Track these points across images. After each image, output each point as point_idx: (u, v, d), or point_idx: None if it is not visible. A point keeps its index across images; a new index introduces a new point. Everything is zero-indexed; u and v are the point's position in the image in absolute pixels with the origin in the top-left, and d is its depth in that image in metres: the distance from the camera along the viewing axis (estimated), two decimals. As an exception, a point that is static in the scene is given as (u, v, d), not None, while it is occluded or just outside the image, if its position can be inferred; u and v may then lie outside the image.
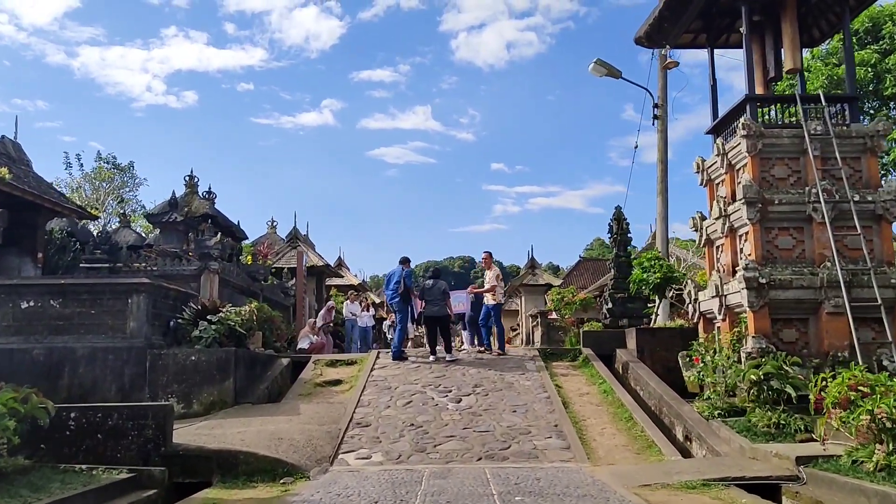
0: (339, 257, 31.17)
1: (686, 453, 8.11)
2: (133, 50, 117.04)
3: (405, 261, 13.77)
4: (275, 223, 26.16)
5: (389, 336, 17.23)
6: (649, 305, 24.70)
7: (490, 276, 13.44)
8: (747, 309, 9.31)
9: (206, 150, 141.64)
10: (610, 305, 24.54)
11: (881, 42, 19.39)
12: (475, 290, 13.77)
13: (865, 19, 19.35)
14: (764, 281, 9.22)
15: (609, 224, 26.00)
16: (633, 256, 25.90)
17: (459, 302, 14.10)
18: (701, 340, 11.12)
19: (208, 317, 10.67)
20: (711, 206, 11.26)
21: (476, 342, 14.20)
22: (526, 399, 9.74)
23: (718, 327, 10.73)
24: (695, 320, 11.30)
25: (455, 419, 8.91)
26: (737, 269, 10.20)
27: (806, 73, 17.13)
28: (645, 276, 12.82)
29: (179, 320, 10.83)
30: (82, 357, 10.20)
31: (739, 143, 10.00)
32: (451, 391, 10.12)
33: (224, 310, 10.90)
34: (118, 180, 29.57)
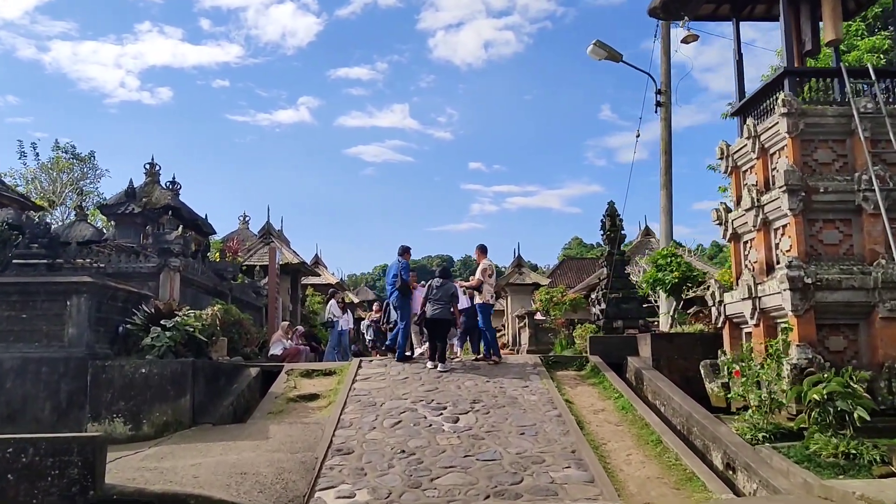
0: (316, 255, 29.61)
1: (731, 486, 6.81)
2: (106, 45, 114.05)
3: (404, 251, 12.36)
4: (247, 218, 24.55)
5: (368, 337, 15.75)
6: (645, 306, 23.64)
7: (478, 272, 12.07)
8: (790, 313, 8.05)
9: (181, 147, 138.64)
10: (603, 306, 23.30)
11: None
12: (463, 285, 12.30)
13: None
14: (810, 281, 7.96)
15: (602, 220, 24.73)
16: (626, 255, 24.78)
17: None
18: (726, 349, 9.87)
19: (163, 322, 9.16)
20: (739, 196, 10.00)
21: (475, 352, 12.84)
22: (534, 418, 8.38)
23: (748, 333, 9.47)
24: (719, 325, 10.03)
25: (453, 444, 7.52)
26: (773, 267, 8.95)
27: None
28: (660, 275, 11.53)
29: (129, 326, 9.30)
30: (10, 370, 8.64)
31: (776, 124, 8.74)
32: (445, 408, 8.73)
33: (182, 313, 9.39)
34: (78, 171, 27.66)
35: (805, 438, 6.74)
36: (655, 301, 24.80)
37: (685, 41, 12.44)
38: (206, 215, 17.82)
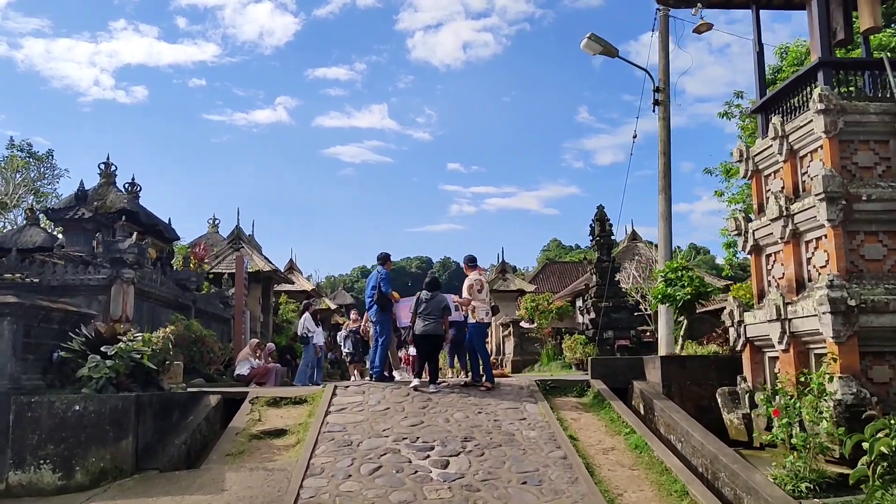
0: (291, 260, 28.21)
1: (777, 553, 5.71)
2: (80, 43, 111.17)
3: (385, 259, 11.23)
4: (217, 221, 23.13)
5: (346, 350, 14.49)
6: (636, 315, 22.61)
7: (464, 289, 10.83)
8: (829, 339, 6.99)
9: (156, 147, 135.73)
10: (592, 315, 22.26)
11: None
12: (456, 301, 11.10)
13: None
14: (853, 303, 6.91)
15: (590, 225, 23.74)
16: (616, 262, 23.75)
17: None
18: (746, 375, 8.81)
19: (104, 348, 7.85)
20: (761, 203, 8.96)
21: (463, 369, 11.69)
22: (536, 461, 7.22)
23: (772, 358, 8.42)
24: (737, 348, 8.96)
25: (444, 498, 6.33)
26: (804, 284, 7.90)
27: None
28: (670, 291, 10.42)
29: (63, 353, 7.97)
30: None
31: (810, 122, 7.69)
32: (433, 448, 7.54)
33: (127, 337, 8.08)
34: (35, 171, 25.93)
35: (866, 496, 5.65)
36: (646, 310, 23.85)
37: (698, 30, 11.40)
38: (169, 219, 16.46)
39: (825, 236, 7.49)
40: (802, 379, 7.36)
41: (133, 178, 15.05)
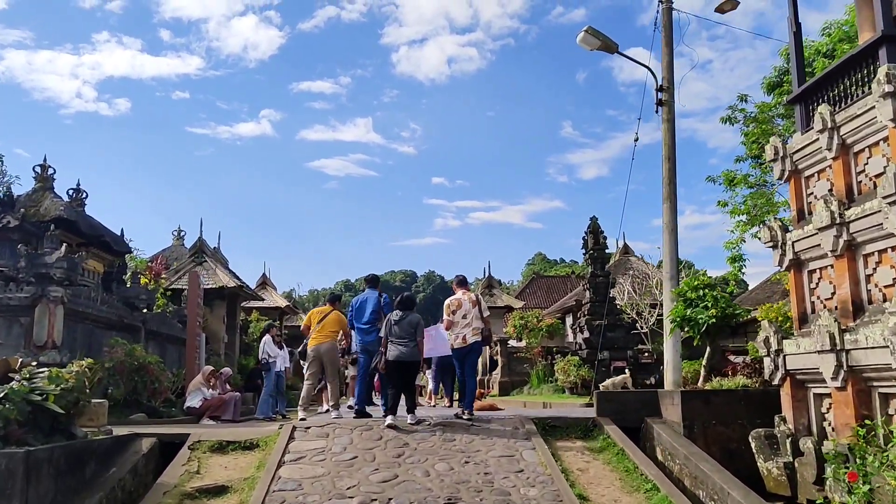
0: (264, 274, 26.45)
1: None
2: (62, 55, 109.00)
3: (374, 281, 9.94)
4: (182, 233, 21.42)
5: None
6: (632, 333, 21.17)
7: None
8: (907, 378, 5.56)
9: (138, 160, 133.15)
10: (587, 335, 20.77)
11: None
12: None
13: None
14: (939, 332, 5.49)
15: (583, 237, 22.29)
16: (610, 277, 22.34)
17: (443, 342, 10.12)
18: (786, 415, 7.36)
19: (-6, 387, 6.20)
20: (801, 210, 7.56)
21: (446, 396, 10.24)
22: (539, 533, 5.68)
23: (819, 395, 6.99)
24: (775, 381, 7.51)
25: None
26: (863, 307, 6.47)
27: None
28: (691, 313, 8.93)
29: (-57, 394, 6.30)
30: None
31: (870, 109, 6.30)
32: (409, 514, 5.97)
33: (23, 373, 6.44)
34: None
35: None
36: (642, 328, 22.43)
37: (721, 9, 10.05)
38: (122, 230, 14.81)
39: (893, 248, 6.08)
40: (865, 424, 5.93)
41: (78, 184, 13.42)
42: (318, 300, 58.19)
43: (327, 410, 10.92)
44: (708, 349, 9.29)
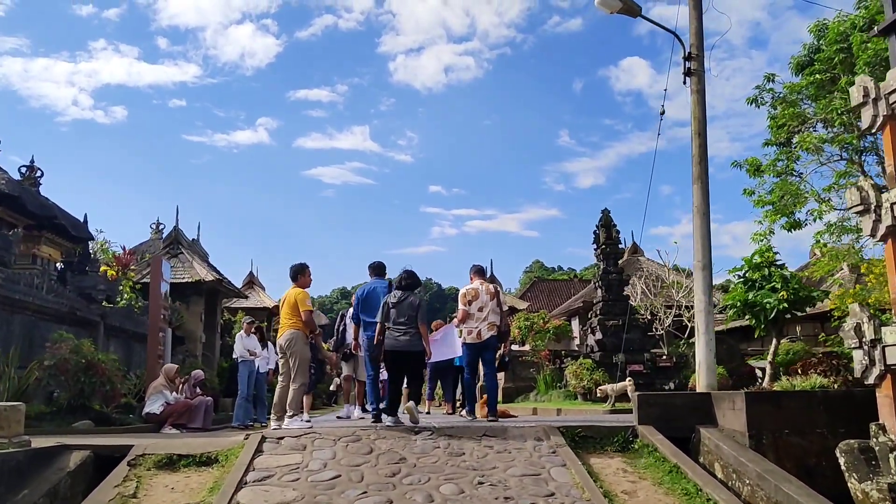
0: (251, 272, 24.80)
1: None
2: (59, 62, 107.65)
3: (380, 269, 8.58)
4: (161, 226, 19.72)
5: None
6: (649, 335, 19.56)
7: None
8: None
9: (134, 167, 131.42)
10: (600, 336, 19.12)
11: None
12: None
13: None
14: None
15: (594, 232, 20.67)
16: (624, 274, 20.74)
17: (447, 346, 8.81)
18: (886, 422, 5.79)
19: None
20: (906, 163, 6.01)
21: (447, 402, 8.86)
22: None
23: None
24: (869, 380, 5.94)
25: None
26: None
27: None
28: (754, 297, 7.34)
29: None
30: None
31: None
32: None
33: None
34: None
35: None
36: (657, 330, 20.81)
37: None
38: (85, 216, 13.21)
39: None
40: None
41: (32, 161, 11.83)
42: (314, 306, 56.47)
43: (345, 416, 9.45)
44: (774, 341, 7.70)
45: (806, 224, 16.40)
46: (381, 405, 8.11)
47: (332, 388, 24.96)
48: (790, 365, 18.64)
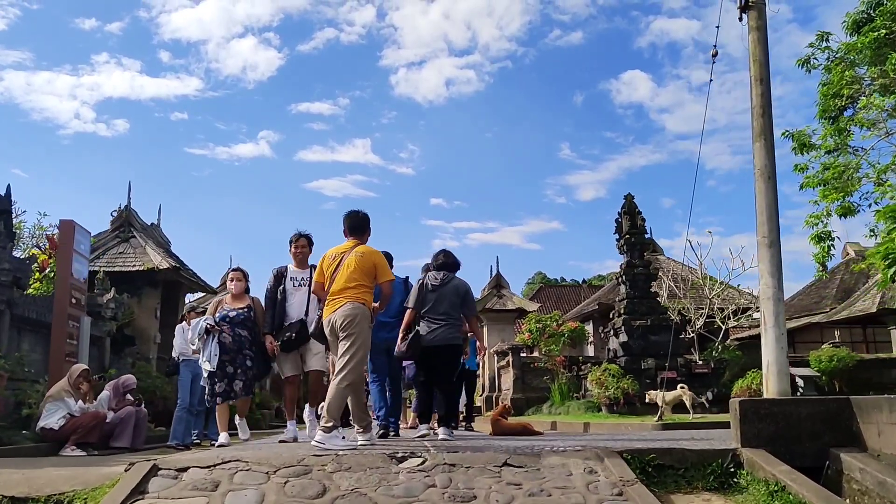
0: (231, 269, 22.36)
1: None
2: (61, 76, 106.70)
3: (387, 258, 6.57)
4: (124, 212, 17.26)
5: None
6: (681, 337, 17.08)
7: None
8: None
9: (136, 180, 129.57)
10: (625, 338, 16.64)
11: None
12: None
13: None
14: None
15: (616, 220, 18.15)
16: (651, 267, 18.31)
17: None
18: None
19: None
20: None
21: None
22: None
23: None
24: None
25: None
26: None
27: None
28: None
29: None
30: None
31: None
32: None
33: None
34: None
35: None
36: (688, 333, 18.32)
37: None
38: (8, 186, 10.81)
39: None
40: None
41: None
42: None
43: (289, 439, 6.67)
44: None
45: (859, 210, 14.12)
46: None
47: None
48: (833, 373, 16.20)
